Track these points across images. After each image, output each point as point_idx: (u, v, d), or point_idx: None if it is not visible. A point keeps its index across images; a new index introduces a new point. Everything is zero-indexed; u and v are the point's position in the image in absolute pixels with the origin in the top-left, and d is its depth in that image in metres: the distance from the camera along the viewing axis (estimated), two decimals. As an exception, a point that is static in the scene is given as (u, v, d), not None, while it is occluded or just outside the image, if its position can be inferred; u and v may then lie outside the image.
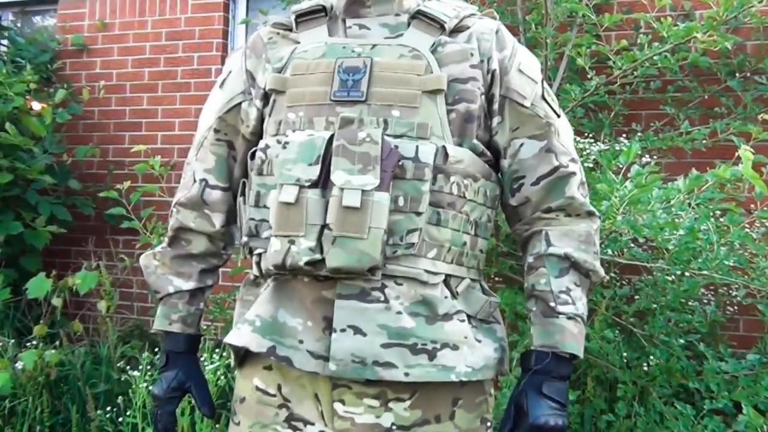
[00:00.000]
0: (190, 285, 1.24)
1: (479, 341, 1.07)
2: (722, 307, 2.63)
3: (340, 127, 1.02)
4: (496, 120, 1.11)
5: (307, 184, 1.00)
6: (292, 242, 1.00)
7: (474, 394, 1.09)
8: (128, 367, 2.74)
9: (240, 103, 1.18)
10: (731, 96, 2.84)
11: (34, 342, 2.98)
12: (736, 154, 1.66)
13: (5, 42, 4.07)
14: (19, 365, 2.78)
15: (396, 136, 1.02)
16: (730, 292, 2.57)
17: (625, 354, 2.49)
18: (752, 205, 2.46)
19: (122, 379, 2.70)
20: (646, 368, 2.45)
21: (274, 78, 1.10)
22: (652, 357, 2.43)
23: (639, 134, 2.81)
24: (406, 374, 0.99)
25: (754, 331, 2.72)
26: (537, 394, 1.04)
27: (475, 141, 1.07)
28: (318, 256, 0.98)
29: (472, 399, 1.09)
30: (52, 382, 2.91)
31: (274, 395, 1.10)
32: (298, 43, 1.13)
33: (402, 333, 1.00)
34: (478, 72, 1.07)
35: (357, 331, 1.00)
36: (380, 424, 1.03)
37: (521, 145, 1.11)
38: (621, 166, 1.88)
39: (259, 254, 1.10)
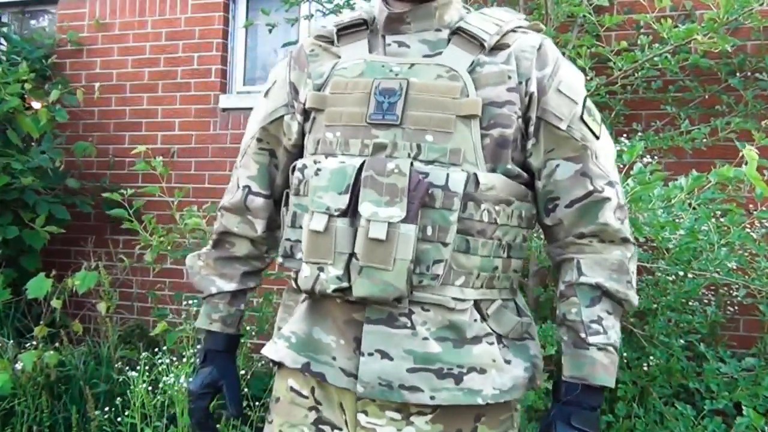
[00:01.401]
0: (231, 286, 1.27)
1: (509, 362, 1.07)
2: (723, 308, 2.64)
3: (373, 153, 1.03)
4: (531, 142, 1.08)
5: (336, 213, 1.01)
6: (321, 269, 1.02)
7: (499, 411, 1.08)
8: (127, 368, 2.74)
9: (283, 116, 1.19)
10: (732, 94, 2.84)
11: (34, 342, 2.98)
12: (740, 154, 1.65)
13: (2, 40, 4.07)
14: (18, 365, 2.78)
15: (428, 162, 1.01)
16: (731, 292, 2.58)
17: (625, 354, 2.49)
18: (752, 206, 2.46)
19: (121, 379, 2.70)
20: (646, 368, 2.45)
21: (313, 96, 1.11)
22: (652, 357, 2.44)
23: (639, 134, 2.81)
24: (432, 398, 1.01)
25: (754, 332, 2.72)
26: (566, 425, 1.04)
27: (509, 165, 1.05)
28: (345, 284, 1.00)
29: (497, 417, 1.08)
30: (51, 383, 2.91)
31: (307, 397, 1.12)
32: (339, 57, 1.13)
33: (428, 358, 1.01)
34: (515, 95, 1.04)
35: (384, 355, 1.02)
36: None
37: (557, 166, 1.08)
38: (623, 165, 1.88)
39: (296, 272, 1.12)
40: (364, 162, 1.02)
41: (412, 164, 1.00)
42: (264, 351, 1.15)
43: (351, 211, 1.01)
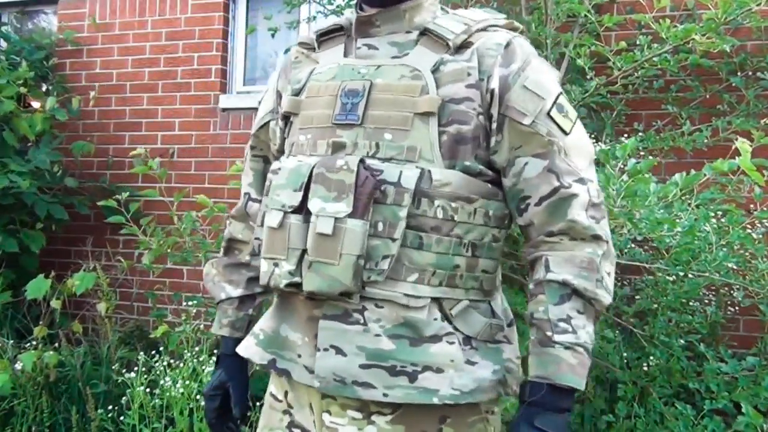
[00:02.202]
0: (238, 292, 1.31)
1: (474, 363, 1.05)
2: (723, 308, 2.64)
3: (333, 151, 1.06)
4: (495, 138, 1.07)
5: (290, 210, 1.05)
6: (276, 265, 1.06)
7: (466, 414, 1.07)
8: (124, 370, 2.74)
9: (269, 122, 1.24)
10: (734, 94, 2.84)
11: (34, 343, 2.98)
12: (733, 147, 1.65)
13: (1, 40, 4.07)
14: (18, 366, 2.78)
15: (385, 160, 1.03)
16: (731, 292, 2.57)
17: (625, 354, 2.49)
18: (752, 206, 2.46)
19: (120, 380, 2.71)
20: (646, 368, 2.45)
21: (289, 101, 1.15)
22: (652, 357, 2.43)
23: (640, 134, 2.81)
24: (385, 395, 1.01)
25: (754, 332, 2.72)
26: (529, 426, 1.00)
27: (468, 162, 1.05)
28: (297, 279, 1.03)
29: (464, 419, 1.07)
30: (51, 383, 2.91)
31: (281, 401, 1.16)
32: (318, 63, 1.16)
33: (380, 355, 1.02)
34: (475, 92, 1.05)
35: (338, 351, 1.03)
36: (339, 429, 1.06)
37: (525, 163, 1.06)
38: (619, 162, 1.87)
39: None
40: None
41: (361, 161, 1.02)
42: (237, 348, 1.18)
43: (305, 208, 1.04)
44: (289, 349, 1.09)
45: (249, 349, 1.14)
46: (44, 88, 3.89)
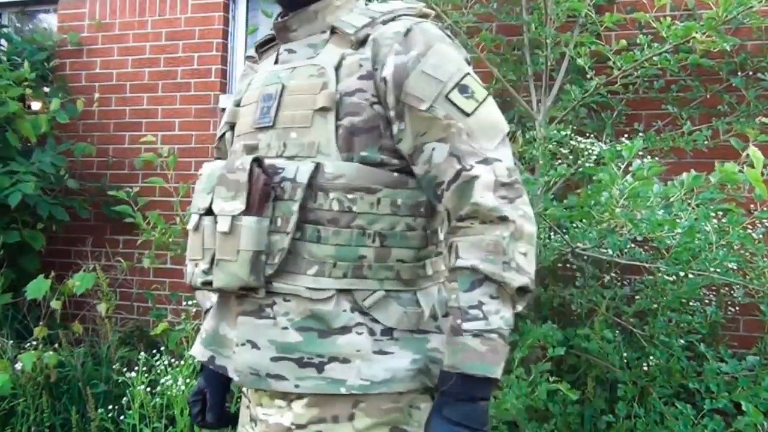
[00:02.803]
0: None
1: (388, 353, 1.05)
2: (723, 308, 2.64)
3: (247, 154, 1.12)
4: (397, 126, 1.06)
5: (202, 212, 1.10)
6: (196, 265, 1.11)
7: (380, 401, 1.06)
8: (125, 369, 2.74)
9: (225, 133, 1.28)
10: (734, 94, 2.84)
11: (34, 343, 2.98)
12: (744, 153, 1.64)
13: (2, 41, 4.07)
14: (18, 366, 2.78)
15: (290, 158, 1.08)
16: (732, 292, 2.58)
17: (625, 354, 2.49)
18: (752, 206, 2.46)
19: (120, 380, 2.71)
20: (646, 368, 2.45)
21: (230, 111, 1.22)
22: (652, 357, 2.44)
23: (641, 134, 2.81)
24: (297, 386, 1.04)
25: (754, 332, 2.72)
26: (438, 417, 0.99)
27: (365, 153, 1.06)
28: (210, 278, 1.08)
29: (377, 405, 1.06)
30: (51, 383, 2.91)
31: (247, 397, 1.21)
32: (257, 73, 1.22)
33: (287, 347, 1.05)
34: (367, 83, 1.06)
35: (253, 345, 1.07)
36: (282, 423, 1.08)
37: (433, 149, 1.05)
38: (624, 161, 1.87)
39: None
40: None
41: (256, 160, 1.06)
42: (191, 350, 1.24)
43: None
44: (226, 346, 1.13)
45: (195, 348, 1.19)
46: (45, 89, 3.88)
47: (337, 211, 1.05)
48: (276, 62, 1.18)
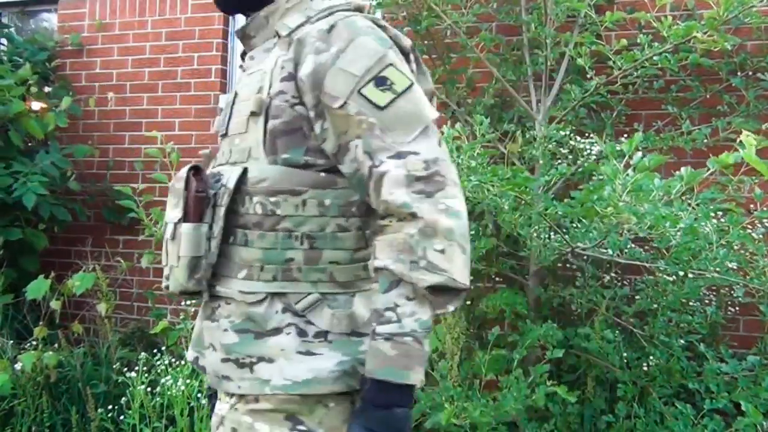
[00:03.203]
0: None
1: (314, 354, 1.04)
2: (723, 308, 2.63)
3: (203, 164, 1.17)
4: (319, 126, 1.04)
5: (170, 221, 1.13)
6: (170, 271, 1.16)
7: (306, 400, 1.04)
8: (125, 369, 2.74)
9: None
10: (734, 94, 2.84)
11: (34, 343, 2.99)
12: (738, 139, 1.63)
13: (3, 41, 4.07)
14: (18, 366, 2.78)
15: (232, 164, 1.11)
16: (731, 292, 2.57)
17: (625, 354, 2.49)
18: (752, 206, 2.46)
19: (120, 380, 2.71)
20: (646, 368, 2.45)
21: (216, 122, 1.25)
22: (652, 357, 2.43)
23: (641, 133, 2.81)
24: (239, 387, 1.06)
25: (754, 332, 2.72)
26: (354, 422, 0.99)
27: (288, 155, 1.05)
28: (168, 283, 1.14)
29: (305, 400, 1.05)
30: (51, 383, 2.91)
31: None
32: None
33: (228, 349, 1.08)
34: (287, 84, 1.05)
35: (213, 348, 1.11)
36: (220, 414, 1.11)
37: (356, 147, 1.02)
38: (624, 158, 1.86)
39: None
40: None
41: (193, 168, 1.10)
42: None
43: None
44: (204, 347, 1.16)
45: (189, 349, 1.22)
46: (46, 90, 3.88)
47: (260, 214, 1.05)
48: (244, 70, 1.20)
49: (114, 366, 2.99)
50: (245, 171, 1.07)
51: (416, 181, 0.98)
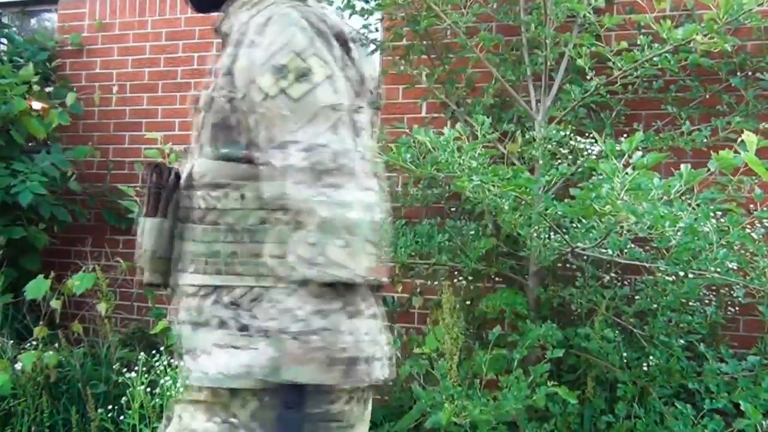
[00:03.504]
0: None
1: (251, 348, 1.01)
2: (723, 308, 2.63)
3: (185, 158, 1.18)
4: (252, 120, 1.02)
5: (138, 217, 1.16)
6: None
7: (235, 393, 1.04)
8: (124, 370, 2.74)
9: None
10: (733, 94, 2.84)
11: (34, 343, 2.98)
12: (739, 139, 1.63)
13: (4, 41, 4.07)
14: (18, 366, 2.78)
15: (193, 159, 1.13)
16: (731, 292, 2.57)
17: (625, 354, 2.49)
18: (752, 206, 2.46)
19: (119, 381, 2.71)
20: (646, 368, 2.45)
21: None
22: (652, 357, 2.44)
23: (640, 133, 2.81)
24: (188, 378, 1.08)
25: (754, 332, 2.72)
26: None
27: (226, 149, 1.04)
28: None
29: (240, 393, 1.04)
30: (51, 383, 2.91)
31: None
32: None
33: (185, 341, 1.10)
34: (226, 79, 1.05)
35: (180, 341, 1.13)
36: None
37: (271, 140, 1.00)
38: (624, 157, 1.86)
39: None
40: None
41: (154, 165, 1.12)
42: None
43: None
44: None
45: None
46: (47, 90, 3.89)
47: (204, 209, 1.06)
48: None
49: (114, 366, 2.98)
50: (192, 166, 1.09)
51: (321, 174, 0.95)
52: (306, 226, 0.94)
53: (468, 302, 2.91)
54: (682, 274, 2.30)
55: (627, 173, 1.76)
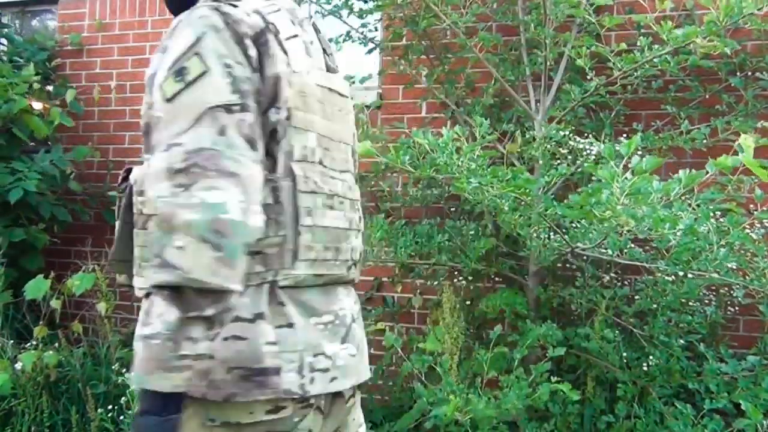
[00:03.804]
0: None
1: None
2: (723, 308, 2.64)
3: None
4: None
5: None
6: None
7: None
8: (124, 370, 2.74)
9: None
10: (732, 94, 2.84)
11: (34, 343, 2.99)
12: (737, 142, 1.63)
13: (4, 41, 4.07)
14: (18, 366, 2.78)
15: None
16: (731, 292, 2.58)
17: (625, 354, 2.49)
18: (752, 206, 2.46)
19: (119, 381, 2.71)
20: (646, 368, 2.45)
21: None
22: (652, 357, 2.44)
23: (640, 134, 2.81)
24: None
25: (754, 332, 2.72)
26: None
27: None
28: None
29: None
30: (51, 383, 2.91)
31: None
32: None
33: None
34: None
35: None
36: None
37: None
38: (623, 159, 1.87)
39: None
40: None
41: (129, 169, 1.10)
42: None
43: None
44: None
45: None
46: (48, 89, 3.89)
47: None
48: None
49: (114, 366, 2.98)
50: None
51: (175, 174, 0.92)
52: (153, 228, 0.94)
53: (468, 302, 2.91)
54: (681, 274, 2.30)
55: (626, 178, 1.76)
